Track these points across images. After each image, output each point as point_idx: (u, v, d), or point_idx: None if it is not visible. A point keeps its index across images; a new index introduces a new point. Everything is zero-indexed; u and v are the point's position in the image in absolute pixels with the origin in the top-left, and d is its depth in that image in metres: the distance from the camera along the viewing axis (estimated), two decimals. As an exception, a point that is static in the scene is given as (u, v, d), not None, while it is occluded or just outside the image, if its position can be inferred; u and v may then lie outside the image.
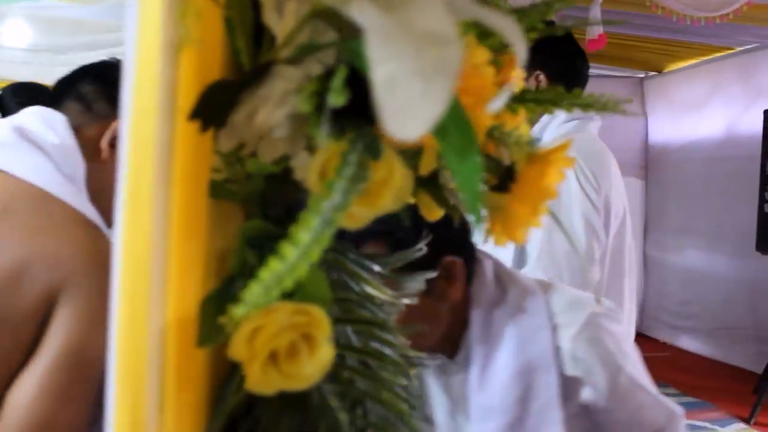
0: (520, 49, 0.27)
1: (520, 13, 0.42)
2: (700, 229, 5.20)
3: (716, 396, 4.18)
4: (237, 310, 0.29)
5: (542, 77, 1.71)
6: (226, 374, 0.45)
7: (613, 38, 4.10)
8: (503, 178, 0.43)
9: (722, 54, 4.96)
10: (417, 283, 0.68)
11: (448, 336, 1.09)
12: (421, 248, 0.69)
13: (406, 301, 0.70)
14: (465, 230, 1.07)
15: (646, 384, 1.03)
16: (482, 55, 0.38)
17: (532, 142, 0.41)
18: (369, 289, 0.55)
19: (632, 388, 1.01)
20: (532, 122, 1.70)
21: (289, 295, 0.38)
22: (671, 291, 5.50)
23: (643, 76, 5.86)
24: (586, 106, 0.42)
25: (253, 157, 0.38)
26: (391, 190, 0.35)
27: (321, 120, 0.29)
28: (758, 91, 4.67)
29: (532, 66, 1.70)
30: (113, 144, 1.07)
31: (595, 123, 1.77)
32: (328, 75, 0.29)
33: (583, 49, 1.79)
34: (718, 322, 5.00)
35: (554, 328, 0.98)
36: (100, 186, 1.04)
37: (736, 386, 4.33)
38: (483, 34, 0.38)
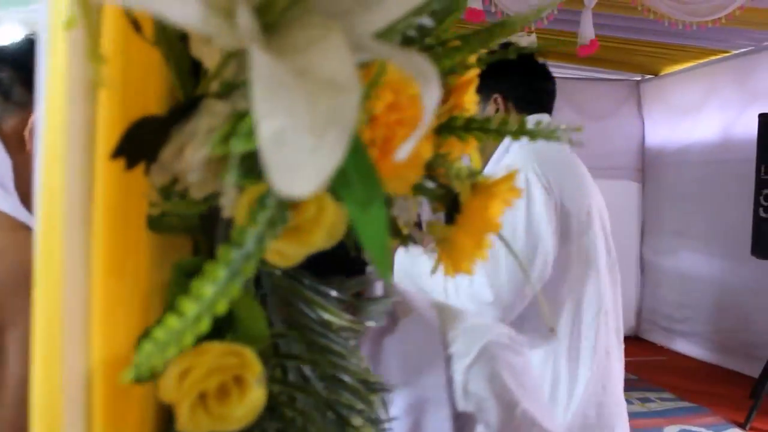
0: (429, 90, 0.26)
1: (464, 40, 0.41)
2: (696, 232, 5.20)
3: (712, 400, 4.17)
4: (125, 374, 0.28)
5: (500, 100, 1.68)
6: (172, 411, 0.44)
7: (609, 42, 4.09)
8: (449, 209, 0.42)
9: (718, 57, 4.96)
10: (381, 306, 0.66)
11: None
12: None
13: (371, 323, 0.69)
14: (355, 249, 0.94)
15: (545, 423, 0.90)
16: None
17: (474, 174, 0.40)
18: (326, 316, 0.54)
19: (527, 425, 0.88)
20: (486, 150, 1.67)
21: (222, 333, 0.37)
22: (667, 294, 5.49)
23: (639, 79, 5.86)
24: (533, 135, 0.41)
25: (186, 192, 0.37)
26: (322, 227, 0.34)
27: (231, 163, 0.28)
28: (753, 94, 4.66)
29: (489, 90, 1.68)
30: None
31: None
32: (242, 116, 0.29)
33: (544, 66, 1.75)
34: (714, 326, 5.00)
35: (448, 359, 0.86)
36: (30, 179, 0.93)
37: (732, 390, 4.32)
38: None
